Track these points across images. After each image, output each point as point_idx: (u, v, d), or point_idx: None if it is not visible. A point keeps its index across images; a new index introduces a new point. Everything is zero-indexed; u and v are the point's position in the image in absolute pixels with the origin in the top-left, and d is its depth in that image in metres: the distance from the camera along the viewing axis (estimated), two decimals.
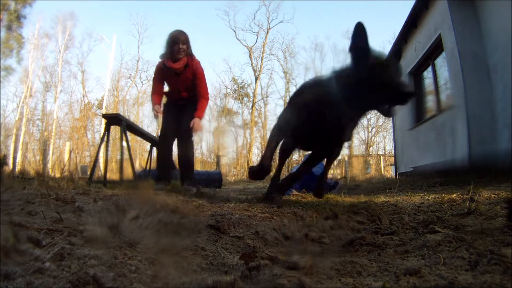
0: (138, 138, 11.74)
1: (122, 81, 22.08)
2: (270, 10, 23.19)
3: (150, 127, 19.53)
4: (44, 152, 15.14)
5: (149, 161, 4.94)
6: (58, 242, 0.77)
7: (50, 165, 13.98)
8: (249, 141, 21.70)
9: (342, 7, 30.91)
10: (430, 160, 6.22)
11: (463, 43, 4.83)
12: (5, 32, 16.64)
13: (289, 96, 22.42)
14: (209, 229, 1.12)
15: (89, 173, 5.02)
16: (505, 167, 3.59)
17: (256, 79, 22.60)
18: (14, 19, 16.82)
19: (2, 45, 16.35)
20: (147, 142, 5.02)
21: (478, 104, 4.58)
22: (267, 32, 22.77)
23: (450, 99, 5.66)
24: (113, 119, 3.56)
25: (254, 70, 22.71)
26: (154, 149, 4.36)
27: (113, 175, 6.16)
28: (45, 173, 6.44)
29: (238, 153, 21.09)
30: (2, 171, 2.78)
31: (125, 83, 22.21)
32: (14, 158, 14.42)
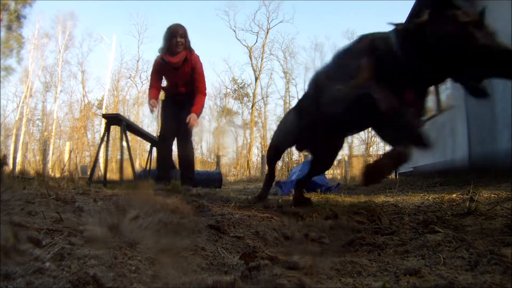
0: (138, 138, 11.75)
1: (122, 81, 22.08)
2: (270, 10, 23.13)
3: (150, 127, 19.53)
4: (44, 152, 15.14)
5: (149, 161, 4.94)
6: (58, 242, 0.77)
7: (50, 165, 13.98)
8: (249, 141, 21.71)
9: (342, 7, 30.87)
10: (430, 160, 6.22)
11: None
12: (5, 32, 16.67)
13: (289, 96, 22.45)
14: (209, 229, 1.12)
15: (89, 173, 5.02)
16: (505, 167, 3.59)
17: (256, 79, 22.61)
18: (14, 19, 16.83)
19: (2, 45, 16.36)
20: (147, 142, 5.02)
21: (478, 104, 4.58)
22: (267, 32, 22.77)
23: (450, 99, 5.66)
24: (113, 119, 3.56)
25: (254, 70, 22.71)
26: (154, 149, 4.36)
27: (113, 175, 6.16)
28: (45, 173, 6.45)
29: (238, 153, 21.09)
30: (2, 171, 2.78)
31: (125, 83, 22.22)
32: (14, 158, 14.42)
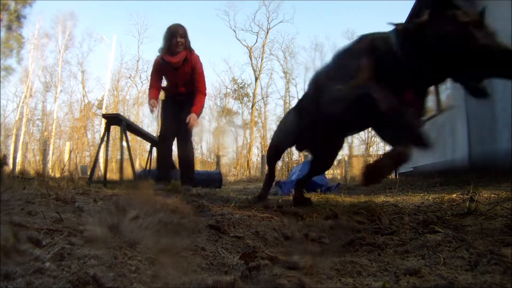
0: (138, 138, 11.75)
1: (122, 81, 22.08)
2: (270, 10, 23.13)
3: (150, 127, 19.53)
4: (44, 152, 15.14)
5: (149, 161, 4.94)
6: (58, 242, 0.77)
7: (50, 165, 13.98)
8: (249, 141, 21.70)
9: (342, 7, 30.85)
10: (430, 160, 6.22)
11: None
12: (5, 32, 16.67)
13: (289, 96, 22.45)
14: (209, 229, 1.12)
15: (89, 173, 5.02)
16: (505, 167, 3.59)
17: (256, 79, 22.60)
18: (14, 19, 16.83)
19: (2, 45, 16.36)
20: (147, 142, 5.02)
21: (478, 104, 4.58)
22: (267, 32, 22.77)
23: (450, 99, 5.66)
24: (113, 119, 3.56)
25: (254, 70, 22.71)
26: (154, 149, 4.36)
27: (113, 175, 6.16)
28: (45, 173, 6.44)
29: (238, 153, 21.09)
30: (2, 171, 2.78)
31: (125, 83, 22.22)
32: (14, 158, 14.42)
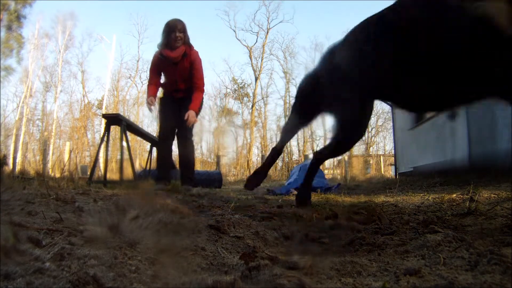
0: (138, 138, 11.74)
1: (122, 81, 22.09)
2: (270, 10, 23.14)
3: (150, 127, 19.53)
4: (44, 152, 15.14)
5: (149, 161, 4.94)
6: (58, 242, 0.77)
7: (50, 165, 13.99)
8: (249, 141, 21.71)
9: (342, 7, 30.85)
10: (430, 160, 6.22)
11: None
12: (5, 32, 16.67)
13: (289, 96, 22.43)
14: (209, 229, 1.12)
15: (89, 173, 5.02)
16: (505, 167, 3.59)
17: (256, 79, 22.61)
18: (14, 19, 16.83)
19: (2, 45, 16.36)
20: (147, 142, 5.02)
21: (478, 104, 4.57)
22: (267, 32, 22.77)
23: None
24: (113, 119, 3.56)
25: (254, 70, 22.71)
26: (154, 149, 4.36)
27: (113, 175, 6.15)
28: (45, 173, 6.44)
29: (238, 153, 21.09)
30: (2, 171, 2.78)
31: (125, 83, 22.23)
32: (14, 158, 14.42)
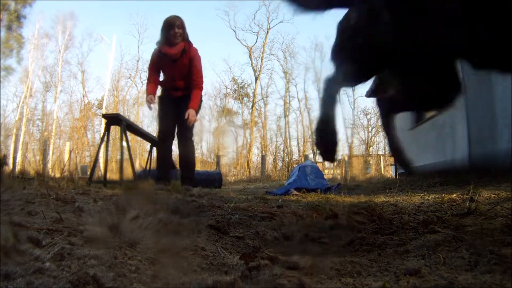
0: (138, 138, 11.74)
1: (122, 81, 22.11)
2: (270, 10, 23.13)
3: (150, 127, 19.53)
4: (44, 152, 15.14)
5: (149, 161, 4.94)
6: (58, 242, 0.77)
7: (50, 165, 13.99)
8: (249, 141, 21.72)
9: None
10: (430, 160, 6.22)
11: None
12: (5, 32, 16.68)
13: (289, 96, 22.43)
14: (209, 229, 1.12)
15: (89, 173, 5.02)
16: (505, 167, 3.59)
17: (256, 79, 22.61)
18: (14, 19, 16.83)
19: (2, 45, 16.36)
20: (147, 142, 5.02)
21: (478, 104, 4.58)
22: (267, 32, 22.78)
23: None
24: (113, 119, 3.56)
25: (254, 70, 22.72)
26: (154, 149, 4.36)
27: (113, 175, 6.15)
28: (45, 173, 6.44)
29: (238, 153, 21.10)
30: (2, 171, 2.78)
31: (125, 83, 22.25)
32: (14, 158, 14.43)
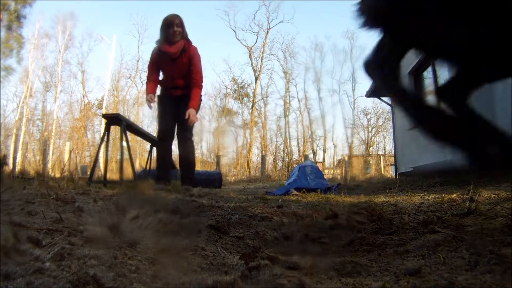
0: (138, 138, 11.73)
1: (122, 81, 22.10)
2: (270, 10, 23.16)
3: (150, 127, 19.53)
4: (44, 152, 15.14)
5: (149, 161, 4.94)
6: (58, 242, 0.77)
7: (50, 165, 13.99)
8: (249, 141, 21.71)
9: (342, 7, 30.86)
10: (430, 160, 6.22)
11: None
12: (5, 32, 16.68)
13: (289, 96, 22.43)
14: (209, 229, 1.12)
15: (89, 173, 5.02)
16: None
17: (256, 79, 22.61)
18: (14, 19, 16.83)
19: (2, 45, 16.36)
20: (147, 142, 5.02)
21: (478, 104, 4.57)
22: (267, 32, 22.78)
23: None
24: (113, 119, 3.56)
25: (254, 70, 22.72)
26: (154, 149, 4.36)
27: (113, 175, 6.15)
28: (45, 173, 6.44)
29: (238, 153, 21.10)
30: (2, 171, 2.78)
31: (125, 83, 22.24)
32: (14, 158, 14.43)
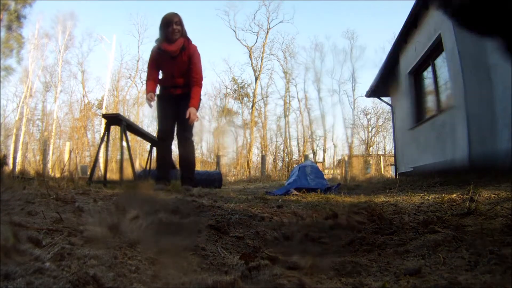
0: (138, 138, 11.73)
1: (122, 81, 22.10)
2: (270, 10, 23.16)
3: (150, 127, 19.53)
4: (44, 152, 15.14)
5: (149, 161, 4.94)
6: (58, 242, 0.77)
7: (50, 165, 13.98)
8: (249, 141, 21.71)
9: (342, 7, 30.91)
10: (430, 160, 6.22)
11: (463, 43, 4.82)
12: (5, 32, 16.67)
13: (289, 96, 22.43)
14: (209, 229, 1.12)
15: (89, 173, 5.02)
16: (505, 167, 3.59)
17: (256, 79, 22.60)
18: (14, 19, 16.82)
19: (2, 45, 16.35)
20: (147, 142, 5.02)
21: (478, 104, 4.58)
22: (267, 32, 22.79)
23: (450, 99, 5.66)
24: (113, 119, 3.56)
25: (254, 70, 22.71)
26: (154, 149, 4.36)
27: (113, 175, 6.14)
28: (45, 173, 6.44)
29: (238, 153, 21.09)
30: (2, 171, 2.78)
31: (125, 83, 22.24)
32: (14, 158, 14.43)
